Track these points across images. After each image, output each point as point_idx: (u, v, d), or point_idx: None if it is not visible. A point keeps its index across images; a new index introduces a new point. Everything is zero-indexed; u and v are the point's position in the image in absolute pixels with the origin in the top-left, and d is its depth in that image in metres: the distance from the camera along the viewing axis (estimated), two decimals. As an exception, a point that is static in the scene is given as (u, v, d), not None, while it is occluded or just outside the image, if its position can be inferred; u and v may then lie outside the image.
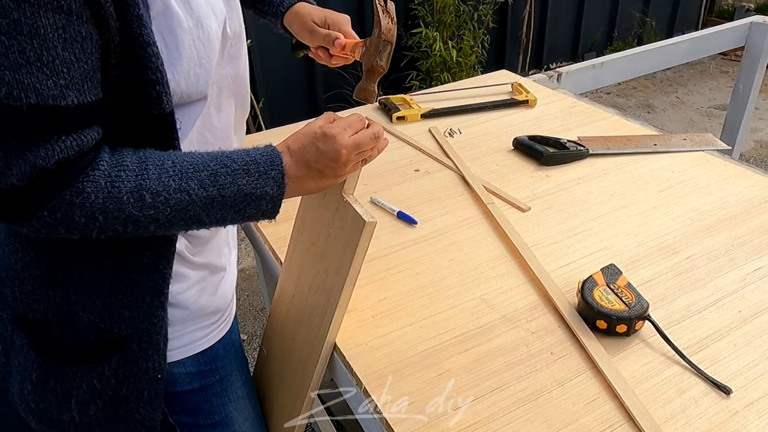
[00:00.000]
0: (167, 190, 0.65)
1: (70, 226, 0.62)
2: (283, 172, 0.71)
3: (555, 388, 0.77)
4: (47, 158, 0.58)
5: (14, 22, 0.53)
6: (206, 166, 0.67)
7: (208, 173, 0.67)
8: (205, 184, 0.66)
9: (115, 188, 0.62)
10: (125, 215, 0.63)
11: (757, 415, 0.72)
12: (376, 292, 0.95)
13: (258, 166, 0.70)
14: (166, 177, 0.65)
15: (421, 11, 3.29)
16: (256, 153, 0.71)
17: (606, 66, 1.88)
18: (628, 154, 1.30)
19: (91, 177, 0.61)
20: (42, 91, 0.56)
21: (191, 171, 0.66)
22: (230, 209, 0.69)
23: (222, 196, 0.67)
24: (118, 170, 0.63)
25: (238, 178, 0.68)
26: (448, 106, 1.55)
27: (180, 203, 0.65)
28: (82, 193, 0.61)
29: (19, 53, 0.54)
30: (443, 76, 3.25)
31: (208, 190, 0.66)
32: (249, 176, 0.69)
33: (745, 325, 0.85)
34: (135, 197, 0.63)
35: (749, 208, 1.11)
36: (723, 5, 5.31)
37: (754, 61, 2.01)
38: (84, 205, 0.61)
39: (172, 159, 0.66)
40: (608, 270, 0.89)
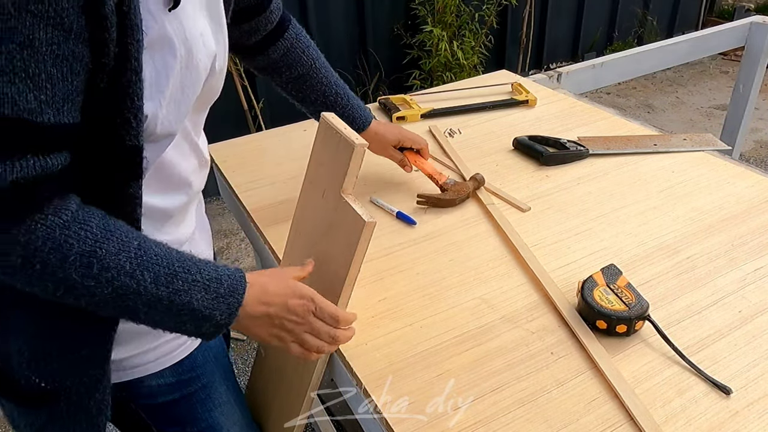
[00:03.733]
0: (118, 270, 0.60)
1: (3, 264, 0.58)
2: (239, 304, 0.68)
3: (555, 388, 0.77)
4: (4, 175, 0.54)
5: (10, 30, 0.51)
6: (169, 263, 0.64)
7: (167, 271, 0.63)
8: (159, 282, 0.62)
9: (67, 243, 0.58)
10: (63, 275, 0.59)
11: (757, 415, 0.72)
12: (376, 292, 0.95)
13: (219, 287, 0.66)
14: (125, 256, 0.61)
15: (422, 11, 3.28)
16: (224, 272, 0.68)
17: (606, 66, 1.88)
18: (628, 154, 1.30)
19: (48, 222, 0.57)
20: (19, 103, 0.53)
21: (152, 262, 0.62)
22: (171, 317, 0.65)
23: (170, 301, 0.63)
24: (78, 227, 0.59)
25: (194, 289, 0.64)
26: (448, 106, 1.55)
27: (124, 288, 0.61)
28: (30, 233, 0.57)
29: (6, 60, 0.52)
30: (445, 76, 3.25)
31: (159, 289, 0.62)
32: (206, 293, 0.65)
33: (745, 325, 0.85)
34: (82, 261, 0.59)
35: (749, 208, 1.11)
36: (723, 5, 5.31)
37: (754, 61, 2.01)
38: (27, 247, 0.57)
39: (139, 242, 0.63)
40: (608, 270, 0.89)
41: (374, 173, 1.28)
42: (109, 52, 0.58)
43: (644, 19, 4.68)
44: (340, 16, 3.28)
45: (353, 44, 3.39)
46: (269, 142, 1.45)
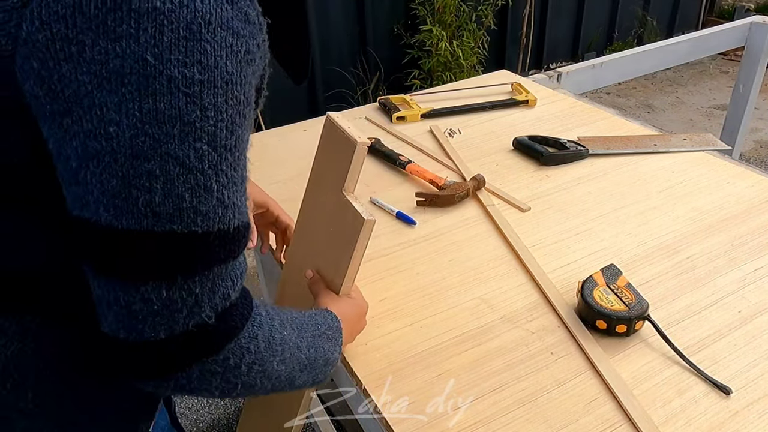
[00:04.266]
0: (293, 347, 0.62)
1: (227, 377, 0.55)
2: (341, 335, 0.73)
3: (555, 389, 0.77)
4: (233, 284, 0.52)
5: (238, 139, 0.49)
6: (308, 325, 0.67)
7: (310, 333, 0.66)
8: (309, 345, 0.65)
9: (272, 338, 0.58)
10: (271, 368, 0.58)
11: (757, 415, 0.72)
12: (376, 292, 0.95)
13: (333, 332, 0.71)
14: (294, 332, 0.63)
15: (422, 11, 3.28)
16: (328, 317, 0.72)
17: (606, 66, 1.88)
18: (628, 154, 1.30)
19: (259, 321, 0.57)
20: (242, 208, 0.51)
21: (302, 329, 0.65)
22: (314, 371, 0.67)
23: (315, 359, 0.66)
24: (270, 318, 0.59)
25: (324, 341, 0.68)
26: (448, 106, 1.55)
27: (295, 361, 0.62)
28: (254, 338, 0.56)
29: (235, 170, 0.50)
30: (445, 76, 3.25)
31: (309, 351, 0.65)
32: (329, 341, 0.69)
33: (745, 325, 0.85)
34: (281, 349, 0.59)
35: (749, 208, 1.11)
36: (723, 5, 5.31)
37: (754, 61, 2.01)
38: (252, 352, 0.55)
39: (288, 315, 0.64)
40: (608, 270, 0.89)
41: (374, 173, 1.28)
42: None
43: (644, 19, 4.68)
44: (340, 16, 3.28)
45: (353, 44, 3.39)
46: (269, 142, 1.45)
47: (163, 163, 0.46)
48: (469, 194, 1.17)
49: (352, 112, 1.59)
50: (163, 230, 0.47)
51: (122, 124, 0.45)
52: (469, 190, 1.17)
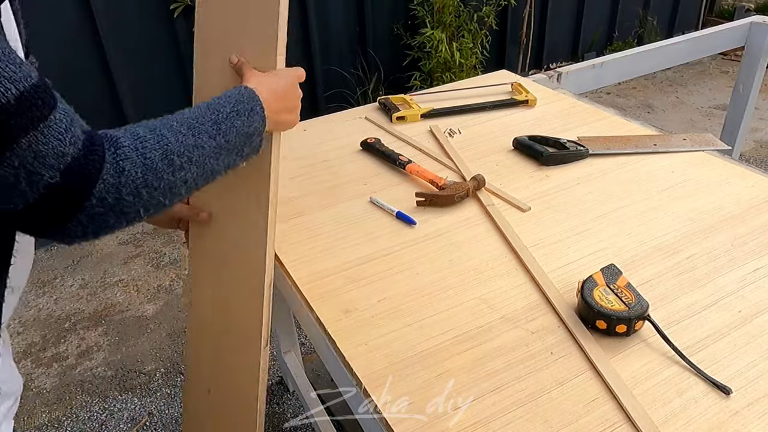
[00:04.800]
0: (187, 148, 0.67)
1: (118, 210, 0.61)
2: (262, 105, 0.77)
3: (555, 389, 0.77)
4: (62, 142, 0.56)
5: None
6: (205, 117, 0.71)
7: (210, 123, 0.70)
8: (212, 134, 0.70)
9: (147, 159, 0.63)
10: (164, 183, 0.64)
11: (757, 415, 0.72)
12: (376, 292, 0.95)
13: (244, 105, 0.75)
14: (182, 136, 0.67)
15: (421, 11, 3.28)
16: (237, 94, 0.76)
17: (606, 66, 1.88)
18: (628, 154, 1.30)
19: (122, 154, 0.61)
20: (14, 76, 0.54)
21: (196, 126, 0.69)
22: (233, 152, 0.73)
23: (227, 141, 0.72)
24: (141, 142, 0.63)
25: (234, 120, 0.73)
26: (448, 106, 1.55)
27: (200, 158, 0.68)
28: (122, 171, 0.60)
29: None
30: (445, 77, 3.25)
31: (216, 139, 0.70)
32: (240, 117, 0.74)
33: (745, 325, 0.85)
34: (166, 162, 0.64)
35: (749, 208, 1.11)
36: (723, 5, 5.31)
37: (754, 61, 2.01)
38: (128, 183, 0.61)
39: (177, 119, 0.69)
40: (608, 270, 0.89)
41: (374, 173, 1.28)
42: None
43: (644, 19, 4.68)
44: (339, 17, 3.28)
45: (353, 44, 3.39)
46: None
47: None
48: (469, 194, 1.17)
49: (352, 112, 1.59)
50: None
51: None
52: (469, 190, 1.17)
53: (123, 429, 1.82)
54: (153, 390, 1.95)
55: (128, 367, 2.04)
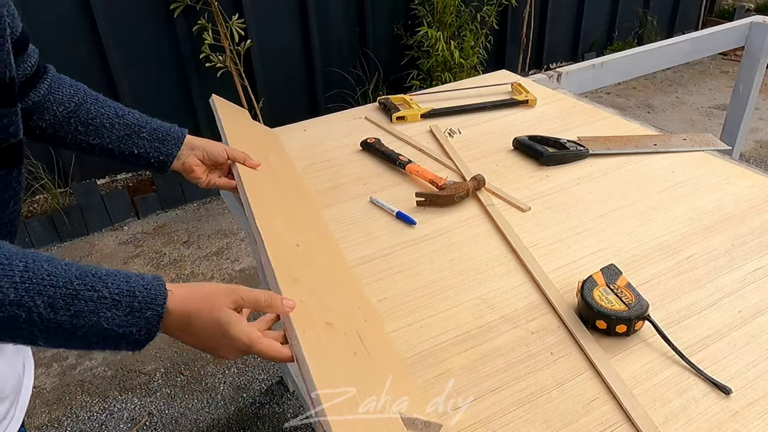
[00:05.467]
0: (2, 300, 0.52)
1: None
2: (160, 316, 0.60)
3: (555, 389, 0.77)
4: None
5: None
6: (66, 282, 0.56)
7: (64, 292, 0.55)
8: (55, 306, 0.54)
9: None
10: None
11: (757, 415, 0.72)
12: (376, 292, 0.95)
13: (132, 300, 0.58)
14: (8, 282, 0.53)
15: (422, 11, 3.28)
16: (138, 283, 0.60)
17: (606, 66, 1.88)
18: (628, 154, 1.30)
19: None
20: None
21: (44, 285, 0.54)
22: (78, 340, 0.57)
23: (72, 325, 0.56)
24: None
25: (101, 308, 0.57)
26: (448, 106, 1.55)
27: (12, 320, 0.53)
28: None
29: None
30: (444, 76, 3.25)
31: (57, 314, 0.55)
32: (117, 309, 0.57)
33: (745, 325, 0.85)
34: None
35: (749, 208, 1.11)
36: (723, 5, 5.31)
37: (754, 61, 2.01)
38: None
39: (25, 262, 0.55)
40: (608, 270, 0.89)
41: (374, 173, 1.28)
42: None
43: (644, 19, 4.68)
44: (339, 17, 3.28)
45: (353, 44, 3.39)
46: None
47: None
48: (469, 194, 1.17)
49: (352, 112, 1.59)
50: None
51: None
52: (469, 190, 1.17)
53: (123, 429, 1.82)
54: (153, 390, 1.95)
55: (128, 367, 2.04)
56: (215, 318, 0.64)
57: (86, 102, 0.95)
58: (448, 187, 1.16)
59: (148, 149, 0.97)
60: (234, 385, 1.97)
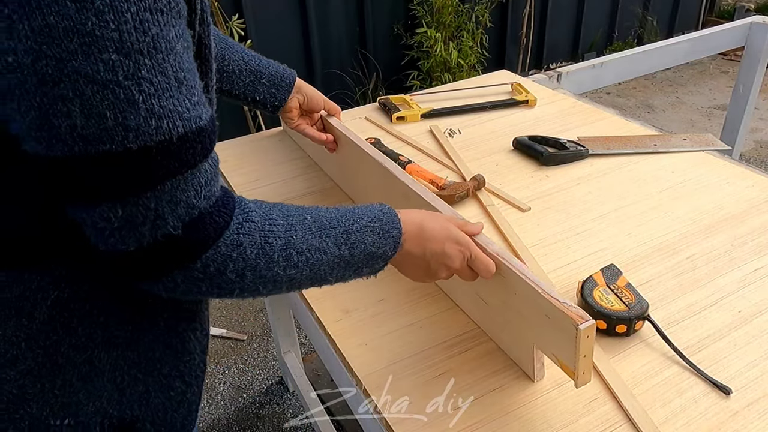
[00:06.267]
0: (310, 249, 0.61)
1: (215, 283, 0.55)
2: (401, 233, 0.69)
3: (555, 389, 0.77)
4: (197, 193, 0.51)
5: (154, 38, 0.45)
6: (339, 222, 0.64)
7: (341, 230, 0.64)
8: (339, 243, 0.63)
9: (268, 244, 0.57)
10: (271, 274, 0.58)
11: (757, 415, 0.72)
12: (376, 292, 0.95)
13: (382, 224, 0.68)
14: (310, 234, 0.61)
15: (421, 11, 3.29)
16: (377, 210, 0.69)
17: (606, 66, 1.88)
18: (628, 154, 1.30)
19: (246, 229, 0.56)
20: (185, 114, 0.48)
21: (328, 228, 0.63)
22: (352, 268, 0.66)
23: (351, 255, 0.65)
24: (270, 224, 0.58)
25: (365, 236, 0.66)
26: (448, 106, 1.55)
27: (317, 263, 0.62)
28: (239, 246, 0.55)
29: (161, 75, 0.46)
30: (444, 77, 3.25)
31: (341, 249, 0.63)
32: (374, 234, 0.67)
33: (745, 325, 0.85)
34: (284, 255, 0.58)
35: (749, 208, 1.11)
36: (723, 5, 5.31)
37: (754, 61, 2.01)
38: (238, 260, 0.55)
39: (311, 214, 0.63)
40: (608, 270, 0.89)
41: (374, 173, 1.28)
42: (195, 34, 0.54)
43: (644, 19, 4.68)
44: (339, 16, 3.28)
45: (353, 44, 3.40)
46: (269, 142, 1.45)
47: (74, 84, 0.43)
48: (469, 194, 1.17)
49: (352, 113, 1.59)
50: (97, 152, 0.45)
51: (18, 51, 0.42)
52: (469, 190, 1.17)
53: (123, 429, 1.82)
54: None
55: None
56: (441, 224, 0.72)
57: (222, 48, 1.01)
58: (448, 187, 1.16)
59: (266, 95, 1.07)
60: (234, 385, 1.97)
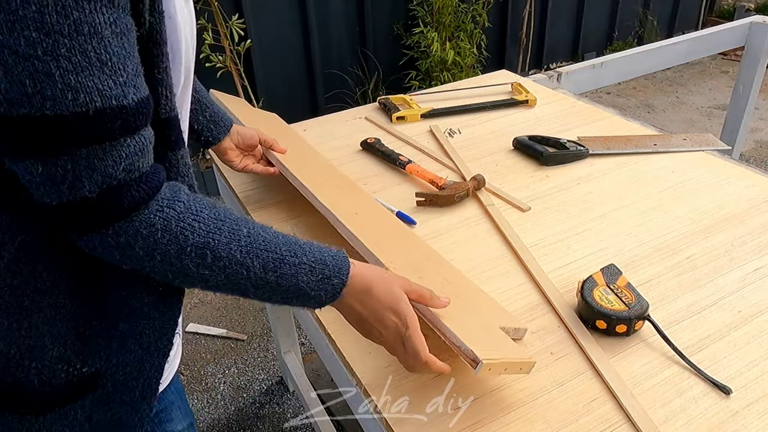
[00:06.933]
0: (230, 259, 0.62)
1: (126, 254, 0.60)
2: (344, 284, 0.68)
3: (555, 388, 0.77)
4: (116, 165, 0.56)
5: (75, 22, 0.50)
6: (276, 248, 0.65)
7: (275, 257, 0.65)
8: (267, 267, 0.64)
9: (182, 235, 0.60)
10: (180, 265, 0.61)
11: (757, 415, 0.72)
12: (376, 292, 0.94)
13: (325, 268, 0.67)
14: (236, 245, 0.63)
15: (420, 11, 3.29)
16: (328, 254, 0.69)
17: (606, 66, 1.88)
18: (628, 154, 1.30)
19: (165, 213, 0.59)
20: (105, 91, 0.53)
21: (260, 249, 0.64)
22: (278, 295, 0.67)
23: (278, 284, 0.65)
24: (192, 218, 0.61)
25: (300, 272, 0.66)
26: (448, 106, 1.55)
27: (235, 276, 0.63)
28: (151, 226, 0.59)
29: (81, 54, 0.51)
30: (443, 76, 3.25)
31: (267, 274, 0.64)
32: (312, 275, 0.66)
33: (745, 325, 0.85)
34: (198, 253, 0.61)
35: (749, 208, 1.11)
36: (723, 5, 5.31)
37: (754, 61, 2.01)
38: (148, 239, 0.59)
39: (248, 229, 0.64)
40: (608, 270, 0.89)
41: (374, 173, 1.28)
42: (144, 22, 0.58)
43: (644, 19, 4.68)
44: (339, 16, 3.28)
45: (353, 44, 3.40)
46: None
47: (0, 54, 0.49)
48: (469, 194, 1.17)
49: (352, 112, 1.59)
50: (18, 114, 0.51)
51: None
52: (469, 190, 1.17)
53: (123, 429, 1.82)
54: (153, 390, 1.95)
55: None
56: (390, 291, 0.71)
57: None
58: (448, 187, 1.16)
59: (203, 127, 1.07)
60: (234, 385, 1.97)
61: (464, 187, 1.16)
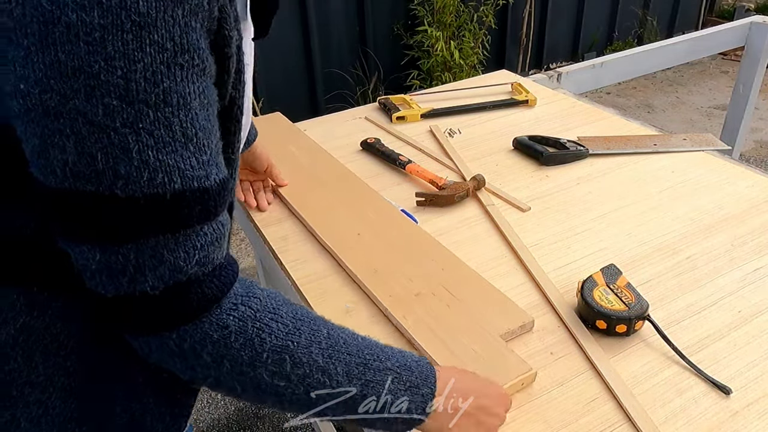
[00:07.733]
0: (311, 365, 0.53)
1: (189, 364, 0.51)
2: (433, 394, 0.60)
3: (555, 388, 0.77)
4: (188, 257, 0.47)
5: (164, 92, 0.43)
6: (359, 351, 0.56)
7: (358, 361, 0.55)
8: (351, 374, 0.55)
9: (259, 338, 0.51)
10: (253, 374, 0.51)
11: (757, 415, 0.72)
12: (376, 292, 0.94)
13: (410, 375, 0.58)
14: (316, 348, 0.53)
15: (421, 11, 3.29)
16: (411, 358, 0.60)
17: (606, 66, 1.88)
18: (628, 154, 1.30)
19: (240, 312, 0.50)
20: (187, 171, 0.46)
21: (343, 351, 0.55)
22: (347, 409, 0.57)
23: (362, 395, 0.55)
24: (270, 318, 0.52)
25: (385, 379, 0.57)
26: (448, 106, 1.55)
27: (315, 385, 0.53)
28: (224, 328, 0.50)
29: (165, 128, 0.44)
30: (444, 76, 3.25)
31: (351, 382, 0.55)
32: (398, 382, 0.57)
33: (745, 325, 0.85)
34: (275, 359, 0.51)
35: (749, 208, 1.11)
36: (723, 5, 5.31)
37: (754, 61, 2.01)
38: (218, 344, 0.50)
39: (327, 329, 0.55)
40: (608, 270, 0.89)
41: (374, 173, 1.28)
42: (226, 95, 0.52)
43: (644, 19, 4.68)
44: (340, 16, 3.28)
45: (353, 44, 3.40)
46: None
47: (72, 121, 0.43)
48: (469, 194, 1.17)
49: (352, 112, 1.59)
50: (84, 191, 0.44)
51: (30, 80, 0.42)
52: (469, 190, 1.17)
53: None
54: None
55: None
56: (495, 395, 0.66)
57: None
58: (448, 187, 1.16)
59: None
60: (234, 385, 1.97)
61: (464, 187, 1.16)
